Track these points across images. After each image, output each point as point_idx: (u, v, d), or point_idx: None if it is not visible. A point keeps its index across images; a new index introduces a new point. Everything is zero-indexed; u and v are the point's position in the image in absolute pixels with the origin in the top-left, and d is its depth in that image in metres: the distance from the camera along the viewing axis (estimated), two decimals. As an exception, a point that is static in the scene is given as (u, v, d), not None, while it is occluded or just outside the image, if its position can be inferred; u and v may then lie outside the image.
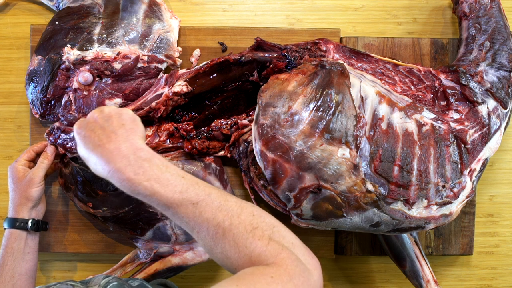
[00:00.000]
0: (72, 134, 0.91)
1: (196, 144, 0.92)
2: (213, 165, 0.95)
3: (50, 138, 0.93)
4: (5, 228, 0.88)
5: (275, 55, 0.93)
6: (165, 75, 0.95)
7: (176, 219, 0.63)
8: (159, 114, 0.92)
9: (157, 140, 0.93)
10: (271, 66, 0.92)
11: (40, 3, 1.04)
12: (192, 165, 0.92)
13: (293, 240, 0.62)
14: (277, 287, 0.53)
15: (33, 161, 0.94)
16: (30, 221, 0.88)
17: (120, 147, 0.64)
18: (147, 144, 0.91)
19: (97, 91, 0.91)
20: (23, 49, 1.05)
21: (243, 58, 0.93)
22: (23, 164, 0.91)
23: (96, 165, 0.66)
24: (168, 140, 0.93)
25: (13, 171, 0.90)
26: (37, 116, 0.94)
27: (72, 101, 0.92)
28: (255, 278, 0.55)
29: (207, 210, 0.60)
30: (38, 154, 0.94)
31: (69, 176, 0.92)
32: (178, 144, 0.93)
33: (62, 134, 0.92)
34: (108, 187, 0.90)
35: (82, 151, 0.68)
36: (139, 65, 0.92)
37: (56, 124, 0.93)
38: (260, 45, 0.95)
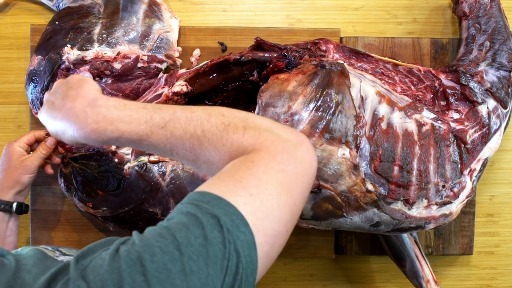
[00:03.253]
0: None
1: (196, 144, 0.92)
2: (213, 165, 0.95)
3: (50, 137, 0.93)
4: None
5: (275, 55, 0.93)
6: (165, 75, 0.95)
7: (153, 149, 0.61)
8: None
9: (157, 140, 0.93)
10: (271, 66, 0.92)
11: (40, 3, 1.04)
12: (192, 165, 0.92)
13: (270, 124, 0.59)
14: (259, 169, 0.51)
15: (31, 146, 0.92)
16: (14, 204, 0.87)
17: (73, 106, 0.62)
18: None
19: (97, 90, 0.91)
20: (23, 49, 1.05)
21: (243, 58, 0.93)
22: (21, 147, 0.89)
23: (65, 133, 0.63)
24: None
25: (10, 151, 0.88)
26: (37, 116, 0.94)
27: (72, 100, 0.92)
28: (235, 167, 0.53)
29: (177, 127, 0.58)
30: (38, 142, 0.92)
31: (69, 176, 0.92)
32: (177, 144, 0.93)
33: None
34: (108, 187, 0.90)
35: (52, 128, 0.66)
36: (139, 65, 0.92)
37: None
38: (260, 45, 0.95)
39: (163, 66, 0.94)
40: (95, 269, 0.44)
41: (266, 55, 0.94)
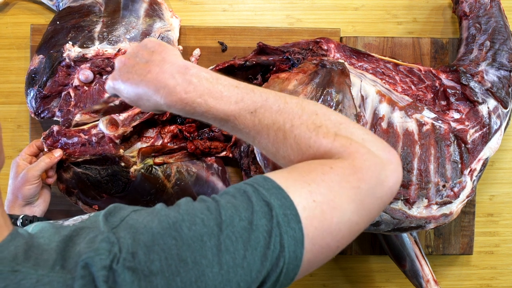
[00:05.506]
0: (75, 139, 0.90)
1: (199, 144, 0.92)
2: (215, 165, 0.95)
3: (48, 141, 0.89)
4: None
5: (278, 58, 0.94)
6: None
7: (236, 132, 0.58)
8: (164, 118, 0.93)
9: (160, 141, 0.93)
10: (274, 69, 0.93)
11: (40, 3, 1.04)
12: (195, 165, 0.92)
13: (364, 135, 0.54)
14: (334, 178, 0.48)
15: (36, 156, 0.91)
16: (20, 217, 0.82)
17: (162, 71, 0.58)
18: (152, 146, 0.91)
19: (97, 85, 0.90)
20: (23, 48, 1.05)
21: (247, 62, 0.94)
22: (24, 159, 0.88)
23: (149, 99, 0.59)
24: (171, 142, 0.93)
25: (14, 166, 0.87)
26: (32, 115, 0.92)
27: (72, 96, 0.91)
28: (311, 167, 0.49)
29: (266, 116, 0.55)
30: (42, 151, 0.91)
31: (71, 180, 0.91)
32: (181, 145, 0.93)
33: (64, 139, 0.89)
34: (114, 190, 0.89)
35: (132, 94, 0.62)
36: (140, 61, 0.91)
37: (55, 127, 0.90)
38: (262, 49, 0.95)
39: (163, 64, 0.94)
40: (127, 228, 0.43)
41: (269, 58, 0.94)
